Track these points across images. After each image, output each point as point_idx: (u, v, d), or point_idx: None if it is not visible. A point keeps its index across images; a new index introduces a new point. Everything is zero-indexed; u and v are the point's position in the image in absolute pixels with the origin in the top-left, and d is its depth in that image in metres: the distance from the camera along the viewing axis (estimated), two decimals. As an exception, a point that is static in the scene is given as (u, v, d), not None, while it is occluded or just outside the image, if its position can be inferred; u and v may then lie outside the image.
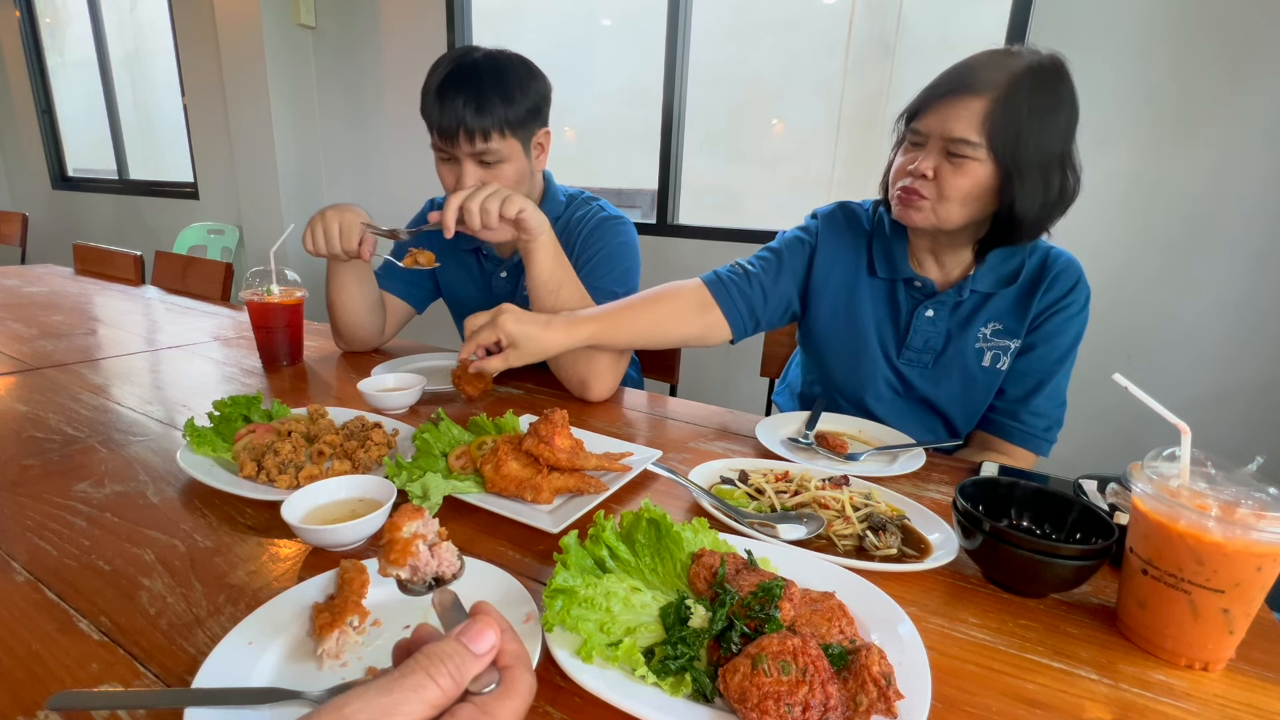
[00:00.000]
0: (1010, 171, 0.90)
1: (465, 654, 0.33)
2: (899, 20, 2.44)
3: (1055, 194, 0.93)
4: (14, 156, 5.34)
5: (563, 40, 3.17)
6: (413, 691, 0.30)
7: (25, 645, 0.49)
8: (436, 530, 0.46)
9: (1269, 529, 0.48)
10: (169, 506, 0.71)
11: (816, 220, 1.19)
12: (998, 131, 0.89)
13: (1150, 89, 1.94)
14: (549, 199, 1.30)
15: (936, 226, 0.99)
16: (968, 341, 1.07)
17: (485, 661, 0.33)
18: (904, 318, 1.11)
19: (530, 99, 1.14)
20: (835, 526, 0.69)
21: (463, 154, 1.13)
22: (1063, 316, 1.02)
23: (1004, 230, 0.97)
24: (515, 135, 1.14)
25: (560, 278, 1.09)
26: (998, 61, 0.90)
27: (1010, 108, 0.88)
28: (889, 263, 1.10)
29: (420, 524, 0.45)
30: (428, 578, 0.44)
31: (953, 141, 0.91)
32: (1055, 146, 0.90)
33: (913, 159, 0.97)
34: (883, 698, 0.42)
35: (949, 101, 0.92)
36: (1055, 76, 0.89)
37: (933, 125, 0.93)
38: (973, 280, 1.04)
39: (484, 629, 0.34)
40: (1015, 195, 0.91)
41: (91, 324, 1.53)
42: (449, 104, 1.09)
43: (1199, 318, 2.02)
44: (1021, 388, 1.07)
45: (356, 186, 3.69)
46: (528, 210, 1.03)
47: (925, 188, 0.96)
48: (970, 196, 0.94)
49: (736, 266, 1.16)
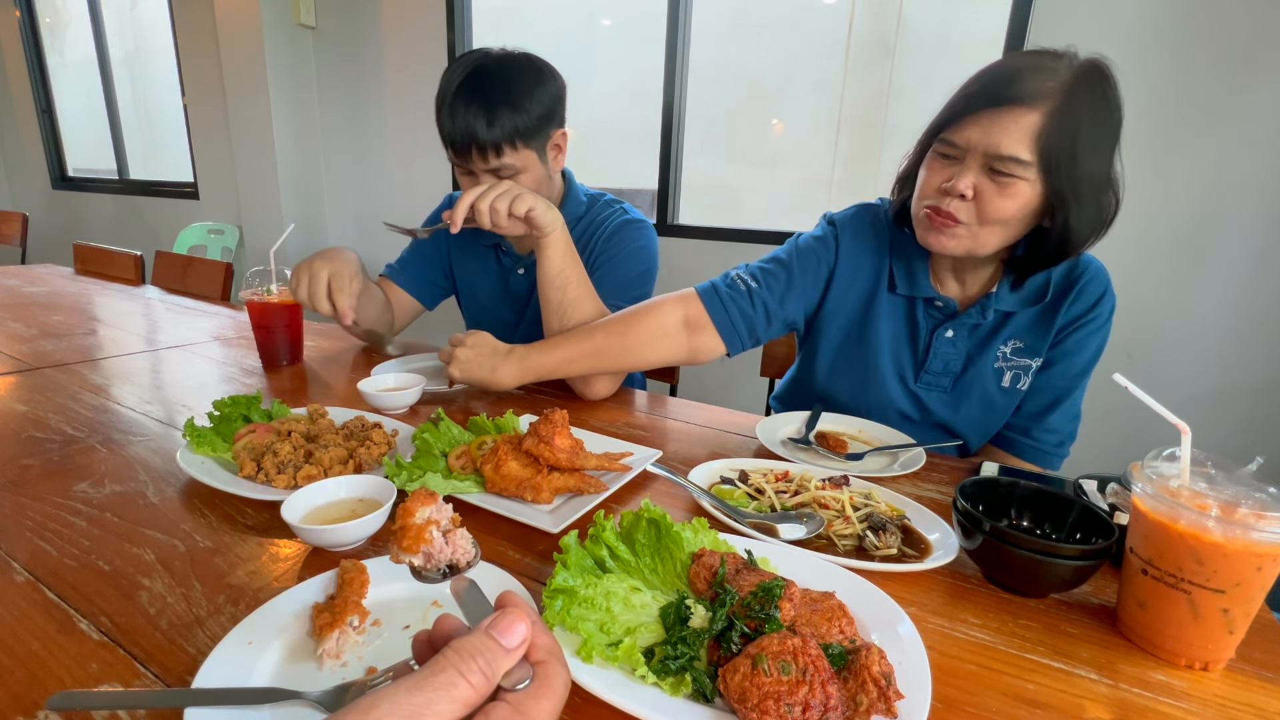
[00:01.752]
0: (1064, 193, 0.81)
1: (496, 649, 0.31)
2: (899, 20, 2.44)
3: (1108, 215, 0.86)
4: (14, 156, 5.34)
5: (563, 40, 3.17)
6: (443, 690, 0.28)
7: (25, 645, 0.49)
8: (450, 516, 0.45)
9: (1269, 529, 0.48)
10: (169, 506, 0.71)
11: (835, 228, 1.07)
12: (1053, 149, 0.79)
13: (1150, 90, 1.94)
14: (570, 200, 1.30)
15: (971, 252, 0.89)
16: (986, 362, 0.99)
17: (517, 656, 0.31)
18: (923, 339, 1.02)
19: (541, 105, 1.13)
20: (835, 526, 0.69)
21: (479, 170, 1.13)
22: (1087, 331, 0.95)
23: (1046, 253, 0.88)
24: (529, 145, 1.14)
25: (569, 275, 1.08)
26: (1045, 68, 0.80)
27: (1068, 122, 0.78)
28: (910, 279, 1.01)
29: (434, 509, 0.43)
30: (442, 565, 0.43)
31: (999, 159, 0.81)
32: (1107, 163, 0.83)
33: (947, 176, 0.86)
34: (883, 698, 0.42)
35: (994, 114, 0.80)
36: (1106, 83, 0.81)
37: (974, 139, 0.82)
38: (995, 299, 0.96)
39: (514, 621, 0.32)
40: (1069, 217, 0.83)
41: (91, 324, 1.53)
42: (460, 120, 1.09)
43: (1199, 318, 2.02)
44: (1037, 403, 1.00)
45: (356, 186, 3.69)
46: (538, 209, 1.03)
47: (961, 210, 0.85)
48: (1014, 220, 0.84)
49: (738, 281, 1.05)
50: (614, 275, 1.22)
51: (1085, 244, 0.87)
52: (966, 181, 0.83)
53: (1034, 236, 0.89)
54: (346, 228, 3.77)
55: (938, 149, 0.88)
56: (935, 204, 0.87)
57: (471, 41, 3.22)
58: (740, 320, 1.03)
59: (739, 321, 1.03)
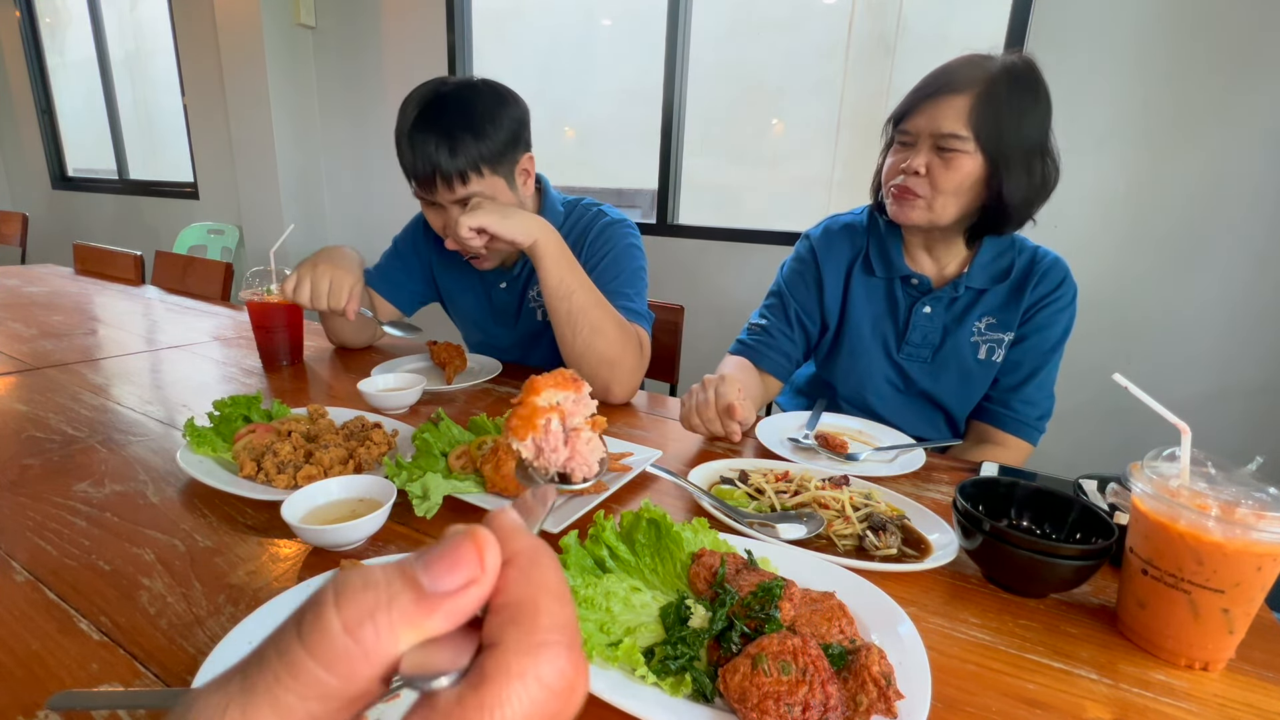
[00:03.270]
0: (997, 161, 0.97)
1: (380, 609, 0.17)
2: (899, 20, 2.44)
3: (1039, 181, 1.00)
4: (14, 156, 5.34)
5: (563, 40, 3.17)
6: (265, 693, 0.16)
7: (25, 645, 0.49)
8: (590, 416, 0.35)
9: (1269, 529, 0.48)
10: (169, 506, 0.71)
11: (809, 241, 1.24)
12: (983, 123, 0.96)
13: (1148, 90, 1.94)
14: (547, 211, 1.26)
15: (932, 222, 1.03)
16: (963, 336, 1.11)
17: (428, 615, 0.17)
18: (902, 314, 1.15)
19: (504, 130, 1.10)
20: (835, 526, 0.69)
21: (445, 201, 1.10)
22: (1053, 309, 1.07)
23: (993, 218, 1.03)
24: (495, 172, 1.11)
25: (570, 284, 1.05)
26: (975, 63, 0.98)
27: (992, 101, 0.95)
28: (885, 261, 1.14)
29: (568, 398, 0.34)
30: (552, 470, 0.34)
31: (942, 137, 0.98)
32: (1035, 137, 0.98)
33: (904, 158, 1.03)
34: (883, 698, 0.42)
35: (934, 101, 0.98)
36: (1029, 73, 0.97)
37: (921, 125, 1.00)
38: (967, 277, 1.09)
39: (451, 555, 0.18)
40: (1003, 183, 0.98)
41: (91, 324, 1.53)
42: (421, 150, 1.06)
43: (1198, 318, 2.02)
44: (1014, 377, 1.11)
45: (356, 186, 3.69)
46: (491, 224, 1.00)
47: (918, 185, 1.01)
48: (962, 188, 1.00)
49: (755, 329, 1.24)
50: (614, 275, 1.21)
51: (1025, 208, 1.01)
52: (920, 160, 1.00)
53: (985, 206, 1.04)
54: (346, 228, 3.77)
55: (897, 139, 1.06)
56: (897, 182, 1.04)
57: (471, 42, 3.22)
58: (778, 355, 1.21)
59: (778, 356, 1.21)
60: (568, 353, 1.09)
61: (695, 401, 0.93)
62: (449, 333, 1.49)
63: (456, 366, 1.20)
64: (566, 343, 1.08)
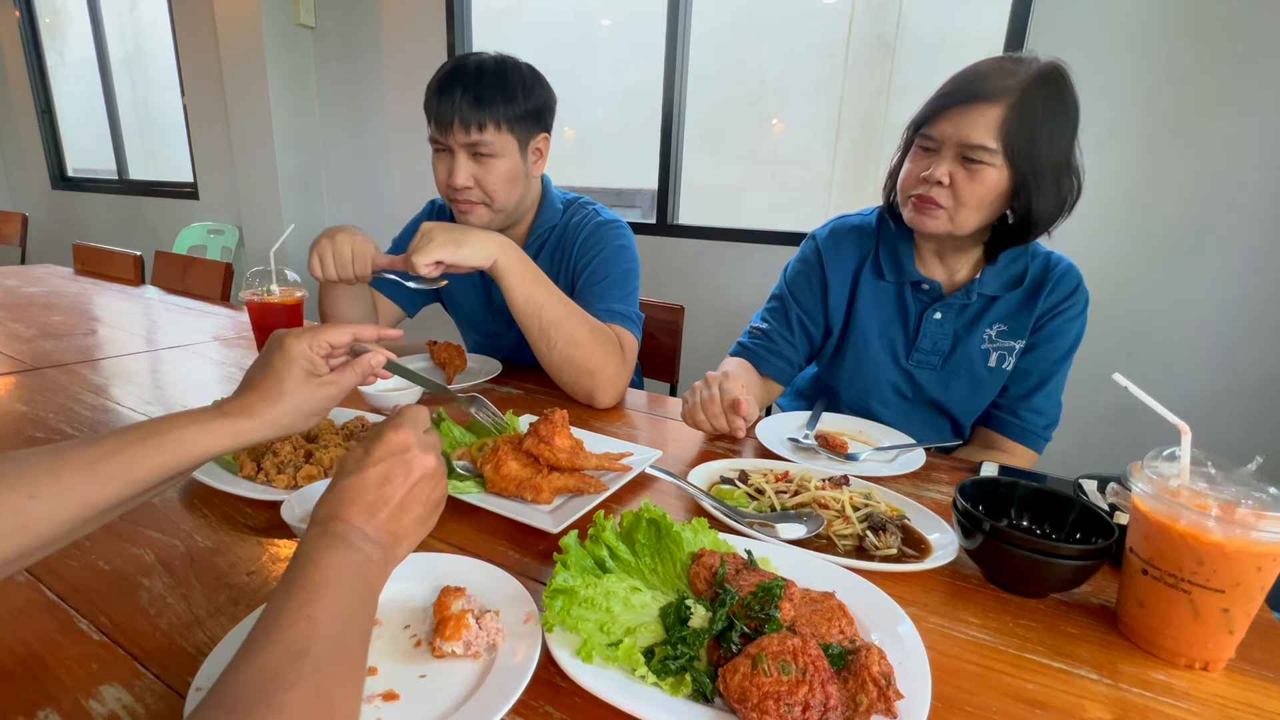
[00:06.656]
0: (1026, 176, 0.93)
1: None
2: (899, 20, 2.44)
3: (1066, 196, 0.97)
4: (14, 156, 5.34)
5: (563, 40, 3.17)
6: None
7: (25, 645, 0.49)
8: (478, 604, 0.51)
9: (1269, 529, 0.48)
10: (169, 506, 0.71)
11: (815, 242, 1.21)
12: (1014, 138, 0.91)
13: (1149, 90, 1.94)
14: (547, 205, 1.27)
15: (951, 233, 1.00)
16: (974, 343, 1.08)
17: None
18: (913, 320, 1.12)
19: (531, 101, 1.13)
20: (835, 526, 0.69)
21: (456, 144, 1.11)
22: (1065, 318, 1.05)
23: (1017, 232, 1.00)
24: (511, 132, 1.13)
25: (538, 299, 1.03)
26: (1007, 69, 0.92)
27: (1026, 114, 0.90)
28: (896, 266, 1.11)
29: (467, 599, 0.51)
30: (481, 649, 0.49)
31: (969, 148, 0.92)
32: (1064, 150, 0.94)
33: (926, 165, 0.98)
34: (883, 698, 0.42)
35: (964, 109, 0.93)
36: (1062, 82, 0.92)
37: (947, 132, 0.94)
38: (979, 284, 1.06)
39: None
40: (1032, 199, 0.94)
41: (91, 324, 1.53)
42: (448, 94, 1.08)
43: (1198, 317, 2.02)
44: (1024, 386, 1.08)
45: (356, 186, 3.69)
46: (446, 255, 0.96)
47: (941, 195, 0.97)
48: (986, 202, 0.96)
49: (756, 332, 1.21)
50: (601, 277, 1.20)
51: (1049, 223, 0.98)
52: (943, 169, 0.95)
53: (1006, 218, 1.01)
54: (346, 228, 3.77)
55: (919, 143, 1.00)
56: (918, 191, 0.99)
57: (471, 42, 3.22)
58: (779, 360, 1.19)
59: (779, 361, 1.19)
60: (546, 366, 1.08)
61: (699, 398, 0.92)
62: (449, 333, 1.48)
63: (456, 366, 1.20)
64: (543, 357, 1.07)
